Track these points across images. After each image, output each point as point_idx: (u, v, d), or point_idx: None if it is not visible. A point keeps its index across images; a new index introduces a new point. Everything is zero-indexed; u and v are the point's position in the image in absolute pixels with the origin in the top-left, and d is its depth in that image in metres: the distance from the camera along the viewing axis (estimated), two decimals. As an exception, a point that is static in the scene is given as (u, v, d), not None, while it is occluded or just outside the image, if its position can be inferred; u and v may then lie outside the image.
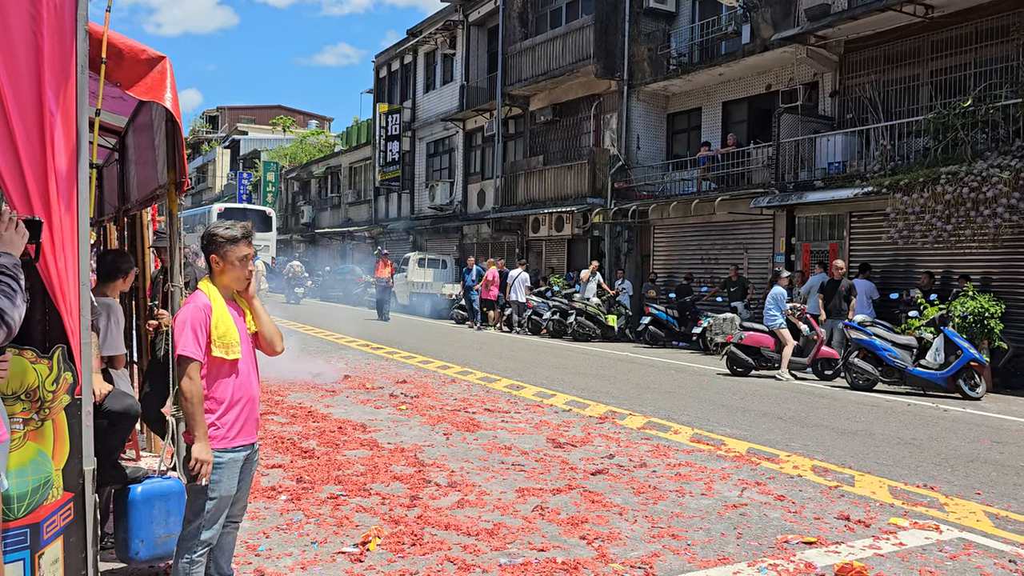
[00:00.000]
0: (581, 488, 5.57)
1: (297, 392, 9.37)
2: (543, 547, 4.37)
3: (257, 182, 48.48)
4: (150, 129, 4.52)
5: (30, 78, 2.80)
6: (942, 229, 12.14)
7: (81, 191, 2.94)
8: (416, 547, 4.31)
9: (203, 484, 3.02)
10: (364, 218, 35.73)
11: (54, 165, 2.84)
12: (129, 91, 3.46)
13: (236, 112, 69.15)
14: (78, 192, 2.93)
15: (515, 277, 19.23)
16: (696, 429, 7.84)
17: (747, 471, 6.24)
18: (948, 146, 12.49)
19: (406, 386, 10.07)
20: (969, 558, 4.40)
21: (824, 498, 5.54)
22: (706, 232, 18.40)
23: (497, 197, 24.60)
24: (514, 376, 11.26)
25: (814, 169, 15.31)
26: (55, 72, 2.84)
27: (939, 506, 5.44)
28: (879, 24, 14.48)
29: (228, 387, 3.13)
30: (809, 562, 4.24)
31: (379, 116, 31.94)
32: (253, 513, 4.79)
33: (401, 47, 32.21)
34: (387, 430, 7.38)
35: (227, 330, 3.12)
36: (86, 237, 2.98)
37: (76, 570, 3.04)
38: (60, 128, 2.86)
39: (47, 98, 2.83)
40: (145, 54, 3.49)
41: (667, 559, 4.26)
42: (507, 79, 23.86)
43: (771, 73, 17.39)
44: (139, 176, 5.23)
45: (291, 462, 6.10)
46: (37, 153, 2.81)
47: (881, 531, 4.83)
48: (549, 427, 7.73)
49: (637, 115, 20.44)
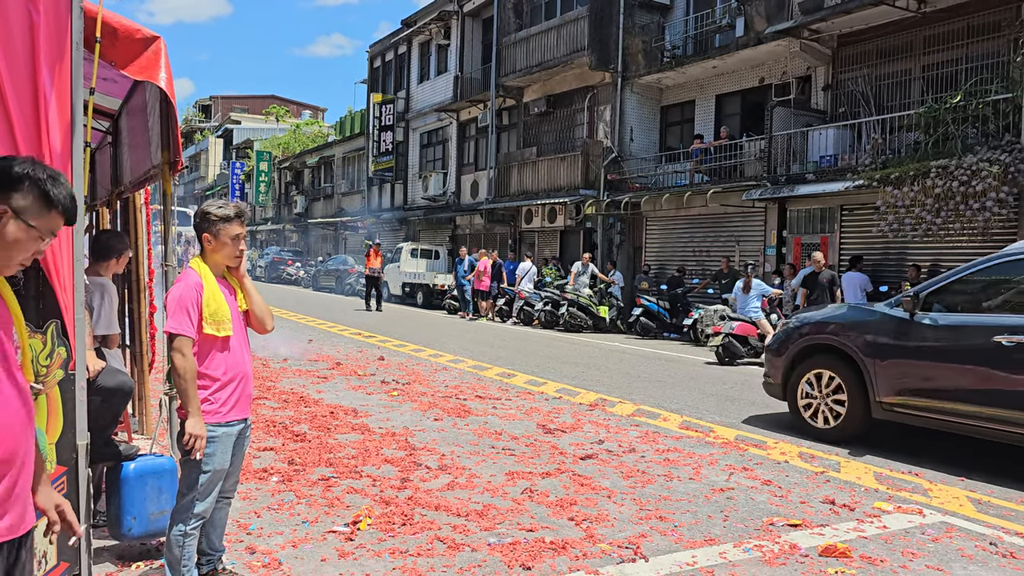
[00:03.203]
0: (570, 472, 5.62)
1: (289, 377, 9.40)
2: (532, 528, 4.43)
3: (250, 172, 48.37)
4: (144, 111, 4.54)
5: (25, 55, 2.80)
6: (931, 222, 12.24)
7: (76, 169, 2.97)
8: (406, 527, 4.37)
9: (197, 458, 3.06)
10: (357, 208, 35.70)
11: (48, 143, 2.85)
12: (124, 71, 3.48)
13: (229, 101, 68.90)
14: (72, 169, 2.95)
15: (526, 270, 19.41)
16: (685, 416, 7.91)
17: (735, 457, 6.31)
18: (939, 140, 12.58)
19: (398, 373, 10.11)
20: (951, 540, 4.48)
21: (810, 483, 5.62)
22: (698, 224, 18.47)
23: (490, 188, 24.61)
24: (505, 364, 11.31)
25: (806, 162, 15.39)
26: (50, 49, 2.85)
27: (923, 491, 5.52)
28: (872, 18, 14.55)
29: (221, 363, 3.17)
30: (794, 543, 4.31)
31: (373, 106, 31.88)
32: (244, 494, 4.84)
33: (395, 37, 32.13)
34: (378, 415, 7.42)
35: (218, 307, 3.15)
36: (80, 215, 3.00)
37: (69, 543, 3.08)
38: (55, 106, 2.87)
39: (42, 75, 2.84)
40: (140, 33, 3.51)
41: (654, 540, 4.32)
42: (501, 70, 23.84)
43: (764, 66, 17.45)
44: (132, 158, 5.24)
45: (283, 445, 6.14)
46: (32, 130, 2.82)
47: (865, 515, 4.90)
48: (539, 413, 7.79)
49: (631, 107, 20.47)
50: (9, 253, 1.83)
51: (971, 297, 6.57)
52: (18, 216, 1.80)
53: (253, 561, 3.84)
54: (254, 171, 47.18)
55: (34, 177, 1.83)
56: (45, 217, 1.84)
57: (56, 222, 1.87)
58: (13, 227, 1.80)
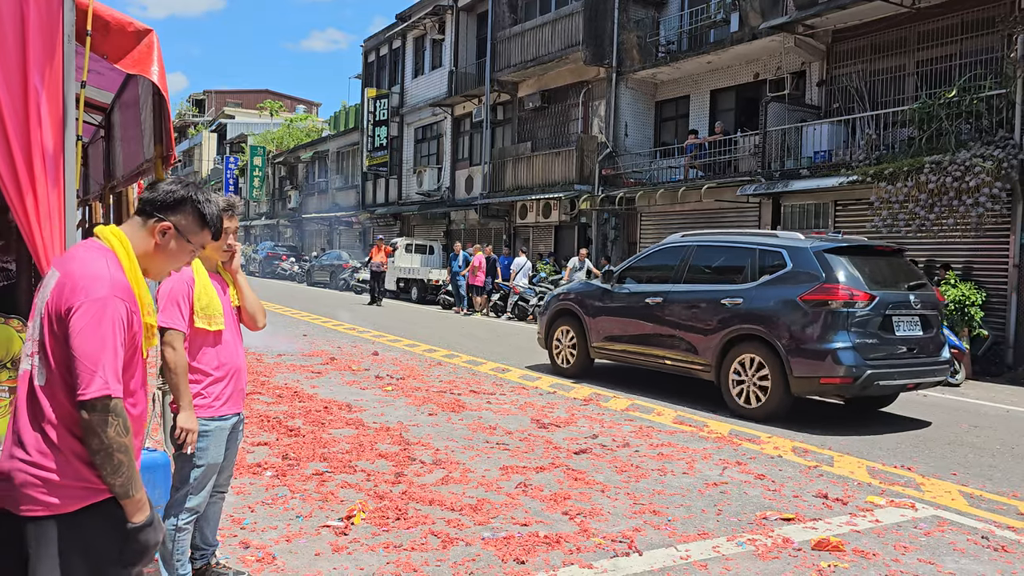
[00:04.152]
0: (564, 466, 5.63)
1: (283, 373, 9.39)
2: (526, 522, 4.43)
3: (244, 167, 48.20)
4: (136, 105, 4.51)
5: (15, 47, 2.79)
6: (925, 218, 12.28)
7: (68, 162, 2.95)
8: (400, 521, 4.37)
9: (189, 452, 3.06)
10: (351, 203, 35.63)
11: (40, 136, 2.84)
12: (116, 64, 3.46)
13: (223, 96, 68.65)
14: (64, 163, 2.94)
15: (520, 265, 19.45)
16: (679, 411, 7.93)
17: (728, 451, 6.33)
18: (932, 136, 12.61)
19: (392, 368, 10.11)
20: (943, 534, 4.50)
21: (803, 477, 5.64)
22: (693, 219, 18.47)
23: (485, 183, 24.59)
24: (499, 359, 11.31)
25: (800, 158, 15.41)
26: (41, 42, 2.84)
27: (916, 486, 5.54)
28: (866, 14, 14.56)
29: (213, 358, 3.16)
30: (787, 537, 4.33)
31: (367, 101, 31.79)
32: (238, 488, 4.83)
33: (390, 32, 32.04)
34: (372, 410, 7.42)
35: (210, 301, 3.14)
36: (72, 208, 2.99)
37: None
38: (45, 99, 2.85)
39: (32, 68, 2.82)
40: (132, 26, 3.48)
41: (648, 534, 4.33)
42: (496, 65, 23.81)
43: (759, 62, 17.46)
44: (125, 152, 5.22)
45: (277, 440, 6.13)
46: (22, 124, 2.81)
47: (858, 509, 4.92)
48: (534, 408, 7.79)
49: (625, 102, 20.46)
50: (167, 264, 2.16)
51: (642, 273, 9.47)
52: (180, 233, 2.12)
53: (247, 555, 3.84)
54: (248, 166, 47.01)
55: (194, 200, 2.14)
56: (199, 234, 2.16)
57: (207, 238, 2.20)
58: (175, 243, 2.12)
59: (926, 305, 7.70)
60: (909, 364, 7.58)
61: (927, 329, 7.75)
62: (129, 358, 1.98)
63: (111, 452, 1.88)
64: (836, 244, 7.86)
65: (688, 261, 8.78)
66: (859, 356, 7.17)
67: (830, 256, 7.55)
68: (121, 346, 1.92)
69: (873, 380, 7.19)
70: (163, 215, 2.11)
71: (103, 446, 1.87)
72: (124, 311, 1.93)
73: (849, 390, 7.35)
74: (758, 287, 7.88)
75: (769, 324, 7.60)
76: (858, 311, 7.27)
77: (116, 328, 1.90)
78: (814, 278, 7.43)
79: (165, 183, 2.17)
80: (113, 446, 1.88)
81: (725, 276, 8.40)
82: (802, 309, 7.39)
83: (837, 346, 7.19)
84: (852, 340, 7.21)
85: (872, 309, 7.31)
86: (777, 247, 7.97)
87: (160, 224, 2.09)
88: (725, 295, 8.11)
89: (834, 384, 7.30)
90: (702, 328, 8.26)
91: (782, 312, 7.54)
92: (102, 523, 1.93)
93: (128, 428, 1.91)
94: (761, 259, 8.04)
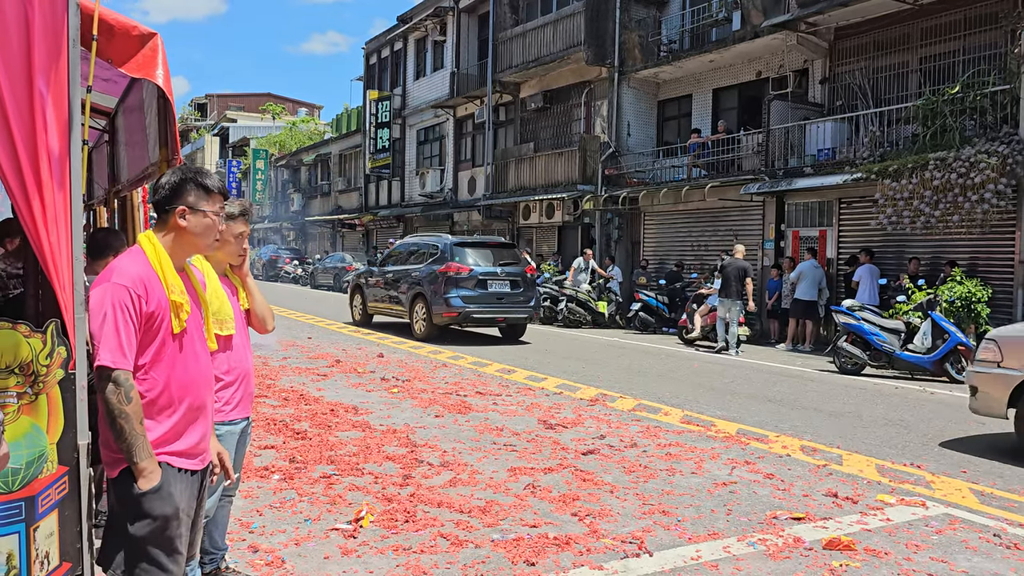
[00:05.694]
0: (572, 467, 5.61)
1: (289, 376, 9.38)
2: (535, 523, 4.42)
3: (247, 170, 48.25)
4: (141, 109, 4.51)
5: (20, 52, 2.77)
6: (930, 215, 12.22)
7: (74, 168, 2.94)
8: (409, 524, 4.35)
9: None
10: (354, 206, 35.65)
11: (46, 141, 2.82)
12: (121, 68, 3.45)
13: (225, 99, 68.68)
14: (71, 168, 2.93)
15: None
16: (686, 411, 7.91)
17: (737, 451, 6.30)
18: (936, 132, 12.56)
19: (397, 370, 10.10)
20: (955, 532, 4.48)
21: (812, 476, 5.61)
22: (696, 219, 18.46)
23: (488, 184, 24.58)
24: (505, 361, 11.29)
25: (804, 156, 15.38)
26: (46, 46, 2.83)
27: (925, 484, 5.51)
28: (869, 11, 14.52)
29: (224, 362, 3.14)
30: (798, 537, 4.30)
31: (369, 103, 31.79)
32: (246, 492, 4.82)
33: (391, 34, 32.05)
34: (379, 412, 7.41)
35: (221, 306, 3.12)
36: (79, 212, 2.97)
37: (71, 543, 3.05)
38: (51, 103, 2.84)
39: (37, 73, 2.81)
40: (136, 30, 3.47)
41: (658, 534, 4.31)
42: (498, 66, 23.80)
43: (761, 60, 17.42)
44: (130, 157, 5.22)
45: (284, 443, 6.12)
46: (28, 129, 2.80)
47: (868, 507, 4.90)
48: (540, 409, 7.77)
49: (628, 102, 20.44)
50: (202, 240, 2.43)
51: (395, 258, 15.15)
52: (193, 209, 2.39)
53: (256, 559, 3.83)
54: (251, 169, 47.06)
55: (191, 178, 2.41)
56: (208, 200, 2.41)
57: (218, 202, 2.44)
58: (193, 218, 2.39)
59: (512, 275, 13.50)
60: (496, 307, 13.33)
61: (515, 288, 13.50)
62: (145, 337, 2.27)
63: (114, 418, 2.17)
64: (462, 240, 14.02)
65: (405, 252, 14.83)
66: (462, 301, 13.02)
67: (456, 248, 13.50)
68: (126, 324, 2.21)
69: (470, 315, 13.07)
70: (173, 204, 2.38)
71: (107, 411, 2.17)
72: (126, 295, 2.22)
73: (457, 320, 13.18)
74: (426, 265, 13.68)
75: (426, 285, 13.43)
76: (463, 277, 13.05)
77: (117, 309, 2.21)
78: (446, 259, 13.28)
79: (162, 180, 2.44)
80: (115, 412, 2.16)
81: (416, 259, 14.26)
82: (440, 276, 13.12)
83: (451, 296, 13.03)
84: (459, 293, 13.03)
85: (469, 276, 13.07)
86: (436, 244, 14.02)
87: (175, 211, 2.38)
88: (415, 271, 13.91)
89: (452, 317, 13.10)
90: (404, 291, 14.13)
91: (431, 279, 13.33)
92: (129, 488, 2.26)
93: (130, 398, 2.17)
94: (431, 250, 13.94)
